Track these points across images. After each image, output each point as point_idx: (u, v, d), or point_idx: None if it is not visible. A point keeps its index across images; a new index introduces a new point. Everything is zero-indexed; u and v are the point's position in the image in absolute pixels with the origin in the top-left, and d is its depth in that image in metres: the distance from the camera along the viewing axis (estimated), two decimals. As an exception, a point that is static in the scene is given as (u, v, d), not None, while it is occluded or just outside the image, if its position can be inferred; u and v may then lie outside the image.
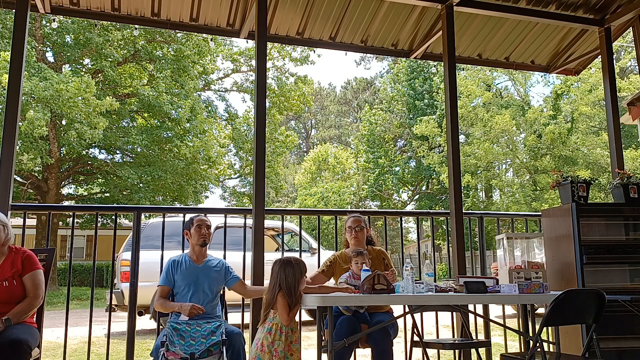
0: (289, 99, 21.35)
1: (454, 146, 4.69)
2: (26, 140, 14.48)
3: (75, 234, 19.15)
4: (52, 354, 5.81)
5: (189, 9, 4.89)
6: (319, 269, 3.87)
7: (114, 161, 17.98)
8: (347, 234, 3.89)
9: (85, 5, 4.68)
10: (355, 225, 3.84)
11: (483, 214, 5.03)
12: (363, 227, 3.86)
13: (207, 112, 19.86)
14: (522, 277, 3.54)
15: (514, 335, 5.55)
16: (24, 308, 3.03)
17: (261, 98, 4.29)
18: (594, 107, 19.11)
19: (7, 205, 3.64)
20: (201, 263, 3.58)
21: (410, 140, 24.65)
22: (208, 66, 20.10)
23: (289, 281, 3.09)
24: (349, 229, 3.86)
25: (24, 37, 3.89)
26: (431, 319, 4.61)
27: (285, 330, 3.05)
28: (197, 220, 3.62)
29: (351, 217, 3.92)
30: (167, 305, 3.43)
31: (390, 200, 25.39)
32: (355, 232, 3.82)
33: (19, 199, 16.37)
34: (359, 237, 3.82)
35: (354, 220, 3.87)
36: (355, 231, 3.82)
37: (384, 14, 5.20)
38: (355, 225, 3.84)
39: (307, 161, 27.79)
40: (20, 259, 3.12)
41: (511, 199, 20.11)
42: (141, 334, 7.36)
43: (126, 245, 7.70)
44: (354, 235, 3.82)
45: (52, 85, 14.22)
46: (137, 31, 15.38)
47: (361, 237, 3.83)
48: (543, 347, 2.84)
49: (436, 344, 3.69)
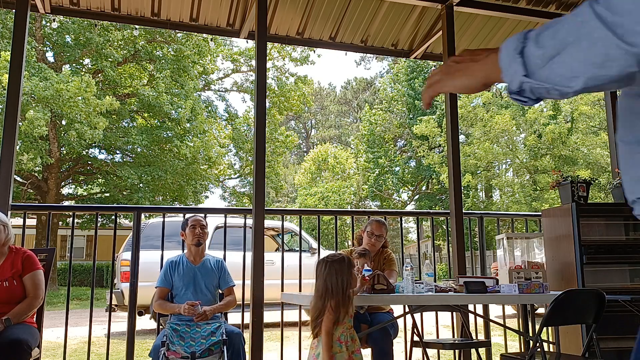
0: (289, 99, 21.35)
1: (454, 146, 4.69)
2: (26, 140, 14.49)
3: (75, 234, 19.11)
4: (52, 354, 5.81)
5: (189, 9, 4.88)
6: None
7: (114, 161, 17.97)
8: (365, 234, 3.86)
9: (85, 5, 4.68)
10: (377, 233, 3.81)
11: (483, 214, 5.03)
12: (384, 237, 3.84)
13: (207, 112, 19.86)
14: (522, 277, 3.53)
15: (514, 335, 5.55)
16: (24, 308, 3.03)
17: (261, 98, 4.29)
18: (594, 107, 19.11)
19: (7, 205, 3.64)
20: (198, 263, 3.58)
21: (410, 140, 24.64)
22: (208, 66, 20.10)
23: (340, 284, 2.70)
24: (369, 233, 3.82)
25: (24, 37, 3.89)
26: (431, 319, 4.61)
27: (344, 339, 2.71)
28: (191, 220, 3.63)
29: (376, 222, 3.87)
30: (166, 306, 3.43)
31: (390, 200, 25.39)
32: (374, 239, 3.80)
33: (19, 199, 16.37)
34: (376, 245, 3.81)
35: (377, 227, 3.83)
36: (375, 238, 3.80)
37: (384, 14, 5.20)
38: (378, 233, 3.81)
39: (307, 161, 27.77)
40: (20, 259, 3.12)
41: (511, 199, 20.11)
42: (141, 334, 7.36)
43: (126, 245, 7.70)
44: (372, 241, 3.80)
45: (52, 85, 14.22)
46: (137, 31, 15.38)
47: (378, 245, 3.82)
48: (543, 347, 2.84)
49: (436, 344, 3.69)
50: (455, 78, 0.94)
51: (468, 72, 0.93)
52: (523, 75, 0.82)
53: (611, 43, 0.72)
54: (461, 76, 0.94)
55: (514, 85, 0.84)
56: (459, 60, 0.95)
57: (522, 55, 0.82)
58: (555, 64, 0.78)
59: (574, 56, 0.76)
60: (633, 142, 0.82)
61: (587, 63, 0.76)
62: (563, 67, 0.78)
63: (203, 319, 3.28)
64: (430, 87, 0.99)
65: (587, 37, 0.74)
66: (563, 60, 0.78)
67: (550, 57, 0.79)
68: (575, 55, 0.76)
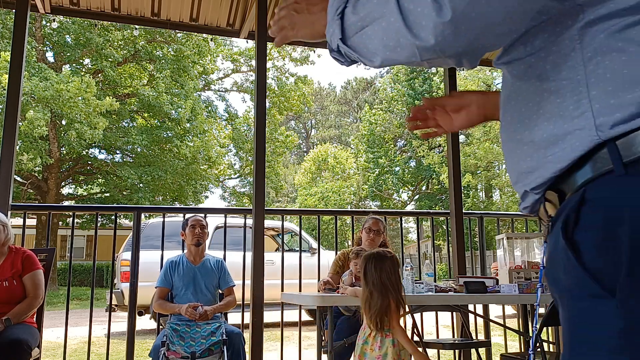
0: (289, 99, 21.35)
1: (454, 146, 4.69)
2: (26, 140, 14.49)
3: (75, 234, 19.11)
4: (52, 354, 5.81)
5: (189, 9, 4.88)
6: (331, 272, 3.85)
7: (114, 161, 17.97)
8: (363, 233, 3.88)
9: (85, 5, 4.67)
10: (375, 228, 3.82)
11: (483, 214, 5.03)
12: (382, 232, 3.86)
13: (207, 112, 19.86)
14: (522, 277, 3.53)
15: (514, 335, 5.55)
16: (24, 308, 3.03)
17: (261, 98, 4.29)
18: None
19: (7, 205, 3.64)
20: (198, 263, 3.58)
21: (410, 140, 24.64)
22: (208, 66, 20.10)
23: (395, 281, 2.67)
24: (367, 230, 3.84)
25: (24, 37, 3.88)
26: (431, 319, 4.61)
27: (396, 343, 2.63)
28: (191, 220, 3.63)
29: (372, 219, 3.90)
30: (166, 306, 3.43)
31: (390, 200, 25.39)
32: (373, 235, 3.81)
33: (19, 199, 16.37)
34: (375, 241, 3.81)
35: (375, 223, 3.86)
36: (374, 234, 3.81)
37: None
38: (375, 228, 3.83)
39: (307, 161, 27.78)
40: (20, 259, 3.12)
41: (511, 198, 20.12)
42: (141, 334, 7.36)
43: (126, 245, 7.70)
44: (370, 237, 3.81)
45: (52, 85, 14.22)
46: (137, 31, 15.38)
47: (377, 240, 3.82)
48: (543, 347, 2.84)
49: (436, 344, 3.69)
50: (298, 30, 0.92)
51: (307, 23, 0.90)
52: (339, 39, 0.80)
53: (400, 30, 0.70)
54: (302, 28, 0.91)
55: (332, 44, 0.82)
56: (297, 9, 0.91)
57: (341, 17, 0.79)
58: (364, 36, 0.76)
59: (375, 33, 0.74)
60: (517, 136, 0.78)
61: (382, 44, 0.74)
62: (367, 41, 0.76)
63: (204, 319, 3.28)
64: (280, 34, 0.96)
65: (386, 18, 0.72)
66: (368, 34, 0.75)
67: (361, 28, 0.76)
68: (376, 33, 0.74)
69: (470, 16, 0.66)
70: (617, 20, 0.66)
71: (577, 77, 0.68)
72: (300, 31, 0.92)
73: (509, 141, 0.81)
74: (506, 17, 0.67)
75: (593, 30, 0.67)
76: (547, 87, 0.72)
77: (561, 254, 0.68)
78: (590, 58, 0.67)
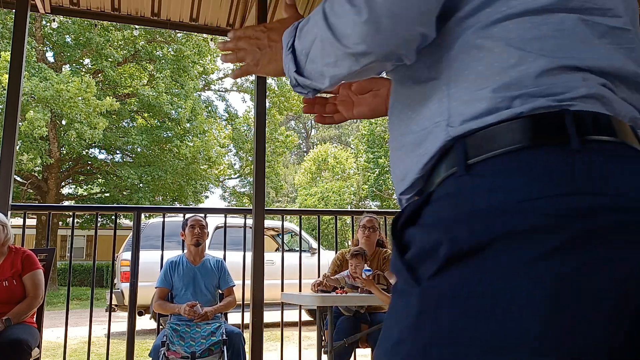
0: (289, 99, 21.36)
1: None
2: (26, 140, 14.49)
3: (75, 234, 19.11)
4: (52, 354, 5.81)
5: (189, 9, 4.88)
6: (329, 272, 3.85)
7: (114, 161, 17.98)
8: (359, 231, 3.91)
9: (85, 5, 4.67)
10: (369, 225, 3.85)
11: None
12: (377, 228, 3.88)
13: (207, 112, 19.86)
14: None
15: (514, 335, 5.54)
16: (24, 308, 3.03)
17: (261, 98, 4.29)
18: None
19: (7, 205, 3.64)
20: (198, 263, 3.58)
21: (410, 140, 24.65)
22: (208, 66, 20.10)
23: None
24: (362, 228, 3.87)
25: (24, 37, 3.88)
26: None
27: None
28: (190, 220, 3.63)
29: (366, 217, 3.94)
30: (166, 306, 3.43)
31: (390, 200, 25.39)
32: (368, 232, 3.83)
33: (19, 199, 16.37)
34: (371, 238, 3.83)
35: (369, 220, 3.89)
36: (369, 231, 3.83)
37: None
38: (370, 225, 3.85)
39: (307, 161, 27.78)
40: (20, 259, 3.12)
41: (511, 199, 20.14)
42: (141, 334, 7.36)
43: (126, 245, 7.70)
44: (366, 235, 3.83)
45: (52, 86, 14.22)
46: (137, 31, 15.38)
47: (373, 238, 3.84)
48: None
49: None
50: (262, 67, 0.90)
51: (272, 60, 0.88)
52: (294, 72, 0.79)
53: (334, 43, 0.70)
54: (267, 65, 0.89)
55: (291, 80, 0.81)
56: (259, 45, 0.89)
57: (292, 51, 0.78)
58: (311, 62, 0.75)
59: (316, 55, 0.74)
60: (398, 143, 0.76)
61: (324, 63, 0.73)
62: (313, 65, 0.75)
63: (204, 319, 3.28)
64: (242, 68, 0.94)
65: (320, 37, 0.72)
66: (312, 58, 0.75)
67: (306, 54, 0.76)
68: (317, 54, 0.74)
69: (389, 9, 0.64)
70: (485, 16, 0.64)
71: (442, 76, 0.67)
72: (264, 68, 0.90)
73: (391, 150, 0.78)
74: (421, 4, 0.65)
75: (463, 27, 0.66)
76: (419, 89, 0.70)
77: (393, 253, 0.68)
78: (456, 56, 0.66)
